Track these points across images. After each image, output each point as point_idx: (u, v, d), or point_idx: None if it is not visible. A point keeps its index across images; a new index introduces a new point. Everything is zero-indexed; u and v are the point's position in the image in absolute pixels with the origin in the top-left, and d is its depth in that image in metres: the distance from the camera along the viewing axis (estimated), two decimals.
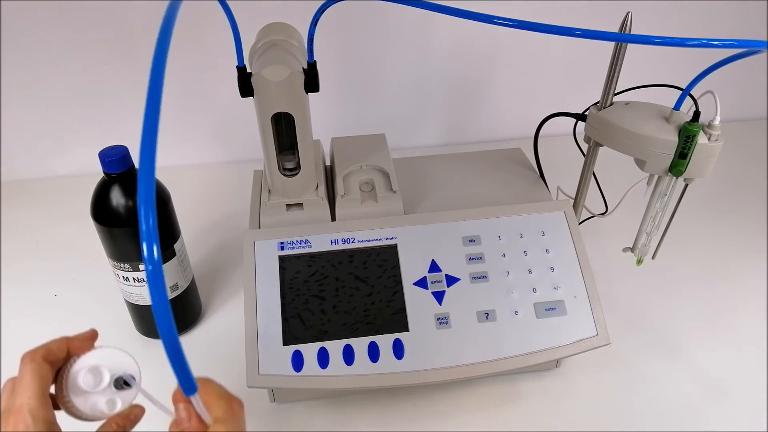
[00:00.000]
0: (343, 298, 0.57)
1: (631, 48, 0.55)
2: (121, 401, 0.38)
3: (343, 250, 0.59)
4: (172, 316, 0.26)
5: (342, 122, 1.03)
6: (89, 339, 0.40)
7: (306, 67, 0.55)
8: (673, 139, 0.54)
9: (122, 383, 0.39)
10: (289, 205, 0.63)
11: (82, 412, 0.38)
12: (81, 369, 0.38)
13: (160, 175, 0.64)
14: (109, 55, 0.90)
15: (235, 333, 0.69)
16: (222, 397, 0.37)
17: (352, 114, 1.04)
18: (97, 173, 0.59)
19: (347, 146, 0.70)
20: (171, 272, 0.65)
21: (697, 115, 0.53)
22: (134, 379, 0.39)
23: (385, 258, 0.59)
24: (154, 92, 0.25)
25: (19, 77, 0.90)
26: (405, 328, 0.56)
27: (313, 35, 0.52)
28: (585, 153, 0.65)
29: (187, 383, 0.29)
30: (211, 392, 0.37)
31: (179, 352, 0.27)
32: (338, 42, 0.94)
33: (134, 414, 0.39)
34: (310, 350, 0.55)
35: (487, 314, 0.57)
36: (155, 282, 0.25)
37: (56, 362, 0.38)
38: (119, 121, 0.96)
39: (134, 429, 0.39)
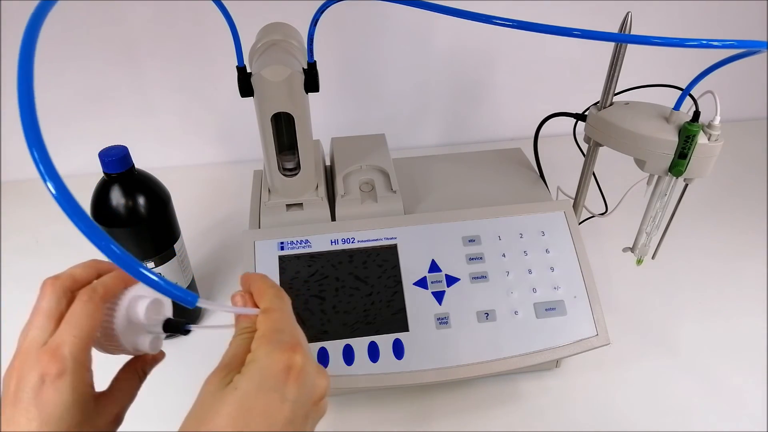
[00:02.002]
0: (343, 298, 0.57)
1: (631, 48, 0.55)
2: (161, 343, 0.37)
3: (343, 250, 0.59)
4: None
5: (342, 122, 1.03)
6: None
7: (306, 67, 0.55)
8: (673, 139, 0.54)
9: (173, 327, 0.37)
10: (289, 205, 0.63)
11: (120, 345, 0.36)
12: (140, 299, 0.37)
13: (160, 175, 0.64)
14: (109, 55, 0.90)
15: None
16: (272, 287, 0.38)
17: (352, 114, 1.04)
18: (97, 173, 0.59)
19: (347, 146, 0.70)
20: (171, 272, 0.65)
21: (697, 115, 0.53)
22: (189, 326, 0.38)
23: (385, 258, 0.59)
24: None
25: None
26: (405, 328, 0.56)
27: (313, 35, 0.52)
28: (585, 153, 0.65)
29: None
30: (262, 284, 0.39)
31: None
32: (338, 42, 0.94)
33: (157, 360, 0.38)
34: (310, 350, 0.55)
35: (487, 314, 0.57)
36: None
37: (109, 301, 0.36)
38: (119, 121, 0.96)
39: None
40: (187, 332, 0.38)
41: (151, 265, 0.63)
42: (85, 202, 0.61)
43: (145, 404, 0.40)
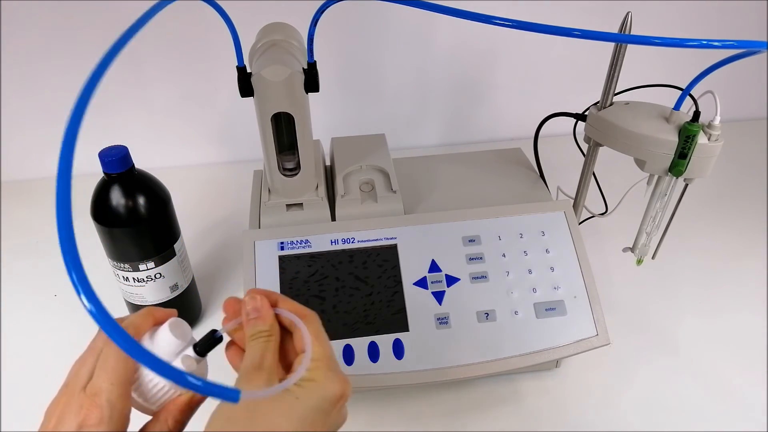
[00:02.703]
0: (343, 298, 0.57)
1: (631, 48, 0.55)
2: (197, 364, 0.36)
3: (343, 250, 0.59)
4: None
5: (342, 122, 1.03)
6: (171, 314, 0.38)
7: (306, 67, 0.55)
8: (673, 139, 0.54)
9: (204, 342, 0.36)
10: (289, 205, 0.63)
11: (147, 390, 0.35)
12: (158, 328, 0.36)
13: (161, 175, 0.64)
14: None
15: None
16: (311, 311, 0.39)
17: (352, 114, 1.04)
18: (97, 173, 0.59)
19: (347, 146, 0.70)
20: (171, 272, 0.65)
21: (697, 115, 0.53)
22: (218, 332, 0.36)
23: (385, 258, 0.59)
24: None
25: (19, 77, 0.90)
26: (405, 328, 0.56)
27: (313, 35, 0.52)
28: (585, 153, 0.65)
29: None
30: (299, 305, 0.39)
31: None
32: (338, 42, 0.94)
33: (192, 404, 0.36)
34: None
35: (487, 314, 0.57)
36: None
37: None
38: (119, 121, 0.96)
39: None
40: (219, 339, 0.36)
41: (151, 264, 0.63)
42: (85, 202, 0.61)
43: None
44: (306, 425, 0.32)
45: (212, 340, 0.36)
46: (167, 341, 0.36)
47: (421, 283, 0.58)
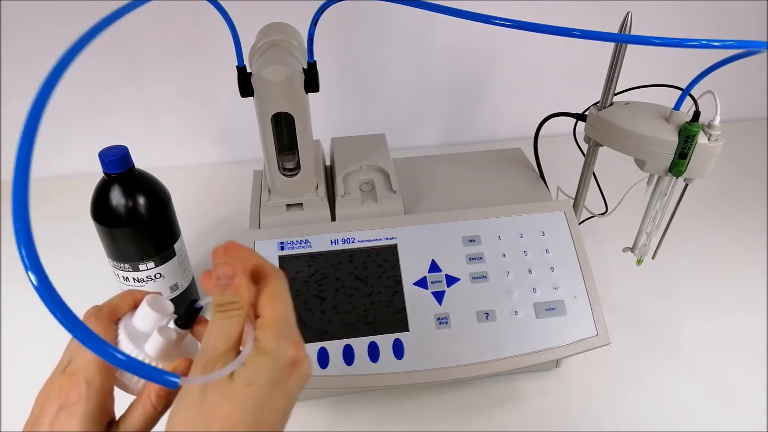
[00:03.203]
0: (343, 298, 0.57)
1: (631, 48, 0.55)
2: (176, 335, 0.35)
3: (343, 250, 0.59)
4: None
5: (342, 122, 1.03)
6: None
7: (306, 67, 0.55)
8: (673, 139, 0.54)
9: (184, 314, 0.35)
10: (289, 205, 0.63)
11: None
12: (141, 304, 0.36)
13: (160, 175, 0.64)
14: (109, 55, 0.90)
15: None
16: (276, 268, 0.35)
17: (352, 114, 1.04)
18: (97, 173, 0.59)
19: (347, 146, 0.70)
20: (171, 272, 0.65)
21: (697, 115, 0.53)
22: (198, 303, 0.35)
23: (385, 258, 0.59)
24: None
25: (19, 77, 0.90)
26: (405, 328, 0.56)
27: (313, 35, 0.52)
28: (585, 153, 0.65)
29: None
30: (264, 262, 0.35)
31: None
32: (338, 42, 0.94)
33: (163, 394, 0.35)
34: (310, 350, 0.55)
35: (487, 314, 0.57)
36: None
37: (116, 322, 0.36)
38: (119, 121, 0.96)
39: None
40: (199, 309, 0.35)
41: (151, 264, 0.63)
42: (85, 202, 0.61)
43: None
44: (264, 408, 0.31)
45: (192, 311, 0.35)
46: (146, 316, 0.35)
47: (421, 283, 0.58)
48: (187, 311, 0.35)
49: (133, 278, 0.63)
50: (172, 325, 0.36)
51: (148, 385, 0.35)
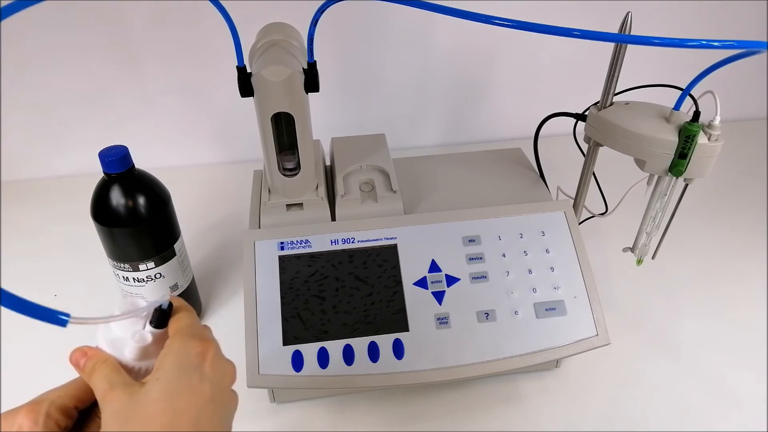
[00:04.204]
0: (343, 298, 0.57)
1: (631, 48, 0.55)
2: (153, 336, 0.37)
3: (343, 250, 0.59)
4: None
5: (342, 122, 1.03)
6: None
7: (306, 67, 0.55)
8: (673, 139, 0.54)
9: (157, 320, 0.37)
10: (289, 205, 0.63)
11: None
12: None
13: (160, 175, 0.64)
14: (108, 55, 0.90)
15: (235, 333, 0.69)
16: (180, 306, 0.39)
17: (352, 114, 1.04)
18: (97, 173, 0.59)
19: (347, 146, 0.70)
20: (171, 272, 0.65)
21: (697, 115, 0.53)
22: (167, 303, 0.38)
23: (385, 258, 0.59)
24: None
25: (20, 77, 0.90)
26: (405, 328, 0.56)
27: (313, 35, 0.52)
28: (585, 153, 0.65)
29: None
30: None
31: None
32: (338, 42, 0.94)
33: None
34: (310, 350, 0.55)
35: (487, 314, 0.57)
36: None
37: None
38: (119, 121, 0.96)
39: None
40: (170, 308, 0.38)
41: (151, 264, 0.63)
42: (86, 202, 0.61)
43: None
44: (180, 393, 0.33)
45: (161, 312, 0.38)
46: (121, 323, 0.37)
47: (421, 283, 0.58)
48: (156, 313, 0.38)
49: (133, 278, 0.63)
50: (148, 327, 0.38)
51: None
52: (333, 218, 0.63)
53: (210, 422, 0.33)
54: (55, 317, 0.32)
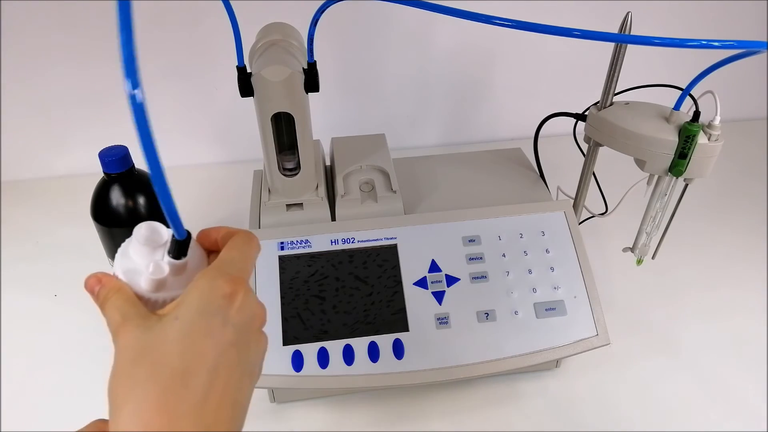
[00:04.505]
0: (343, 298, 0.57)
1: (631, 48, 0.55)
2: (171, 267, 0.34)
3: (343, 250, 0.59)
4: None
5: (342, 122, 1.03)
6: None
7: (306, 67, 0.55)
8: (673, 139, 0.54)
9: (176, 250, 0.34)
10: (289, 205, 0.63)
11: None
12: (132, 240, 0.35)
13: None
14: (108, 55, 0.90)
15: None
16: (245, 232, 0.36)
17: (352, 114, 1.04)
18: (97, 173, 0.59)
19: (347, 146, 0.70)
20: None
21: (697, 115, 0.53)
22: (185, 233, 0.34)
23: (385, 258, 0.59)
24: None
25: (20, 77, 0.90)
26: (405, 328, 0.56)
27: (313, 35, 0.52)
28: (585, 153, 0.65)
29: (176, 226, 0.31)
30: (231, 228, 0.36)
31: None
32: (338, 42, 0.94)
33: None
34: (310, 350, 0.55)
35: (487, 314, 0.57)
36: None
37: None
38: (119, 121, 0.96)
39: None
40: (188, 239, 0.34)
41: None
42: (85, 202, 0.61)
43: None
44: (196, 337, 0.30)
45: (179, 243, 0.34)
46: (138, 250, 0.35)
47: (421, 283, 0.58)
48: (175, 244, 0.34)
49: None
50: (166, 257, 0.34)
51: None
52: (333, 218, 0.63)
53: (230, 368, 0.31)
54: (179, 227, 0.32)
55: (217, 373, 0.30)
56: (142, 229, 0.35)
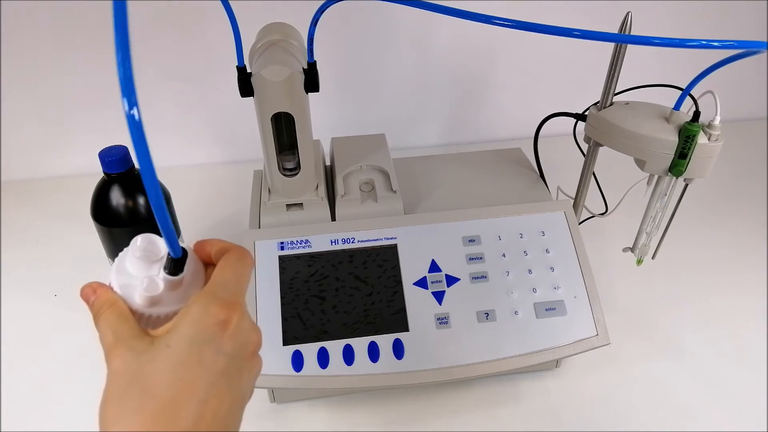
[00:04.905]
0: (343, 298, 0.57)
1: (631, 48, 0.55)
2: (165, 283, 0.33)
3: (343, 250, 0.59)
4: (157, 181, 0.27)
5: (342, 122, 1.03)
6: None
7: (306, 67, 0.55)
8: (673, 139, 0.54)
9: (172, 267, 0.33)
10: (289, 205, 0.63)
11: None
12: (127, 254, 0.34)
13: (160, 175, 0.64)
14: (109, 55, 0.89)
15: None
16: (239, 248, 0.35)
17: (352, 114, 1.04)
18: (97, 173, 0.59)
19: (347, 146, 0.70)
20: None
21: (697, 115, 0.53)
22: (182, 248, 0.33)
23: (385, 258, 0.59)
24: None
25: (20, 77, 0.90)
26: (405, 328, 0.56)
27: (313, 35, 0.52)
28: (585, 153, 0.65)
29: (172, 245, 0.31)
30: (225, 242, 0.36)
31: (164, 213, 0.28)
32: (338, 42, 0.94)
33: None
34: (310, 350, 0.55)
35: (487, 314, 0.57)
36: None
37: None
38: (119, 121, 0.96)
39: None
40: (184, 255, 0.34)
41: None
42: (85, 202, 0.61)
43: None
44: (188, 366, 0.30)
45: (174, 261, 0.33)
46: (135, 263, 0.34)
47: (421, 283, 0.58)
48: (171, 260, 0.34)
49: None
50: (162, 273, 0.34)
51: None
52: (333, 218, 0.63)
53: (220, 397, 0.31)
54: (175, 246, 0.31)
55: (207, 403, 0.30)
56: (138, 242, 0.34)
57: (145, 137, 0.26)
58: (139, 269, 0.34)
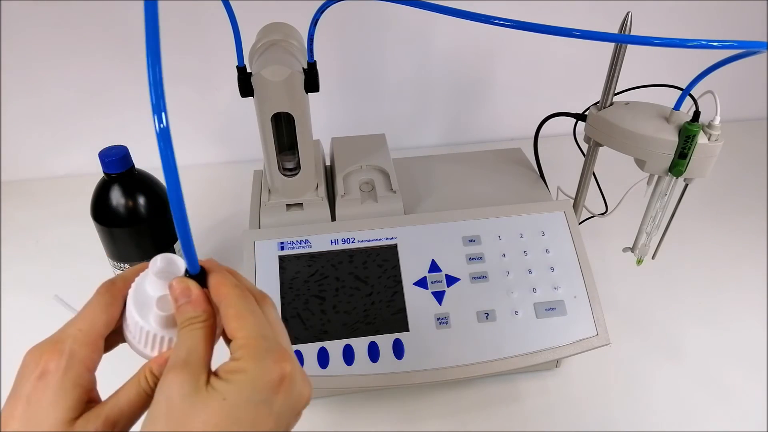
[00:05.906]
0: (343, 298, 0.57)
1: (631, 48, 0.55)
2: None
3: (343, 250, 0.59)
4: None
5: (342, 122, 1.03)
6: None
7: (306, 67, 0.55)
8: (673, 139, 0.54)
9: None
10: (289, 205, 0.63)
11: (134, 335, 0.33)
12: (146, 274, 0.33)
13: (160, 175, 0.64)
14: (109, 54, 0.90)
15: None
16: (235, 287, 0.33)
17: (352, 114, 1.04)
18: (97, 173, 0.59)
19: (347, 146, 0.70)
20: None
21: (697, 115, 0.53)
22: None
23: (385, 258, 0.59)
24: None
25: (19, 77, 0.90)
26: (405, 328, 0.56)
27: (313, 35, 0.52)
28: (585, 153, 0.65)
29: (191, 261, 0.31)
30: (224, 280, 0.33)
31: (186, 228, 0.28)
32: (338, 42, 0.94)
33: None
34: (310, 350, 0.55)
35: (487, 314, 0.57)
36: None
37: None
38: (119, 121, 0.96)
39: None
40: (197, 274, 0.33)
41: None
42: (85, 202, 0.61)
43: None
44: (244, 425, 0.29)
45: (193, 278, 0.33)
46: (153, 282, 0.34)
47: (421, 283, 0.58)
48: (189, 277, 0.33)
49: None
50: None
51: (149, 362, 0.33)
52: (333, 218, 0.63)
53: None
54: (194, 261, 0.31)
55: None
56: (158, 262, 0.34)
57: (173, 152, 0.26)
58: (157, 289, 0.33)
